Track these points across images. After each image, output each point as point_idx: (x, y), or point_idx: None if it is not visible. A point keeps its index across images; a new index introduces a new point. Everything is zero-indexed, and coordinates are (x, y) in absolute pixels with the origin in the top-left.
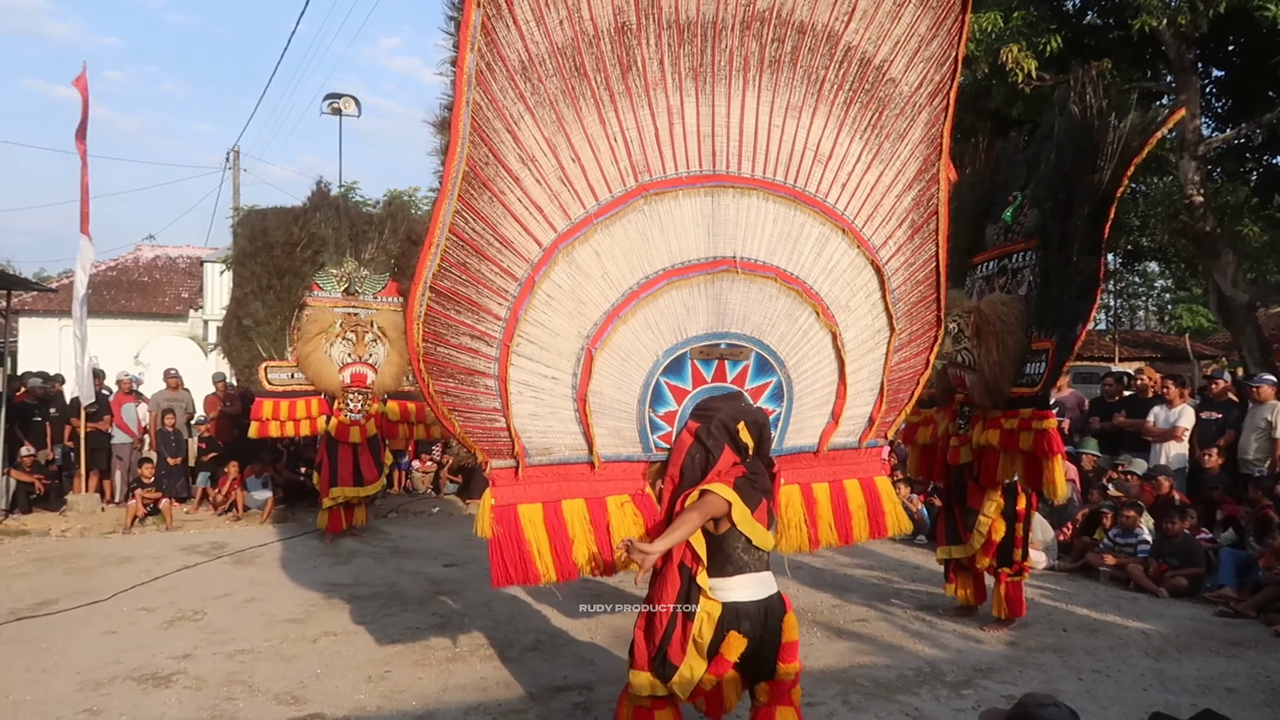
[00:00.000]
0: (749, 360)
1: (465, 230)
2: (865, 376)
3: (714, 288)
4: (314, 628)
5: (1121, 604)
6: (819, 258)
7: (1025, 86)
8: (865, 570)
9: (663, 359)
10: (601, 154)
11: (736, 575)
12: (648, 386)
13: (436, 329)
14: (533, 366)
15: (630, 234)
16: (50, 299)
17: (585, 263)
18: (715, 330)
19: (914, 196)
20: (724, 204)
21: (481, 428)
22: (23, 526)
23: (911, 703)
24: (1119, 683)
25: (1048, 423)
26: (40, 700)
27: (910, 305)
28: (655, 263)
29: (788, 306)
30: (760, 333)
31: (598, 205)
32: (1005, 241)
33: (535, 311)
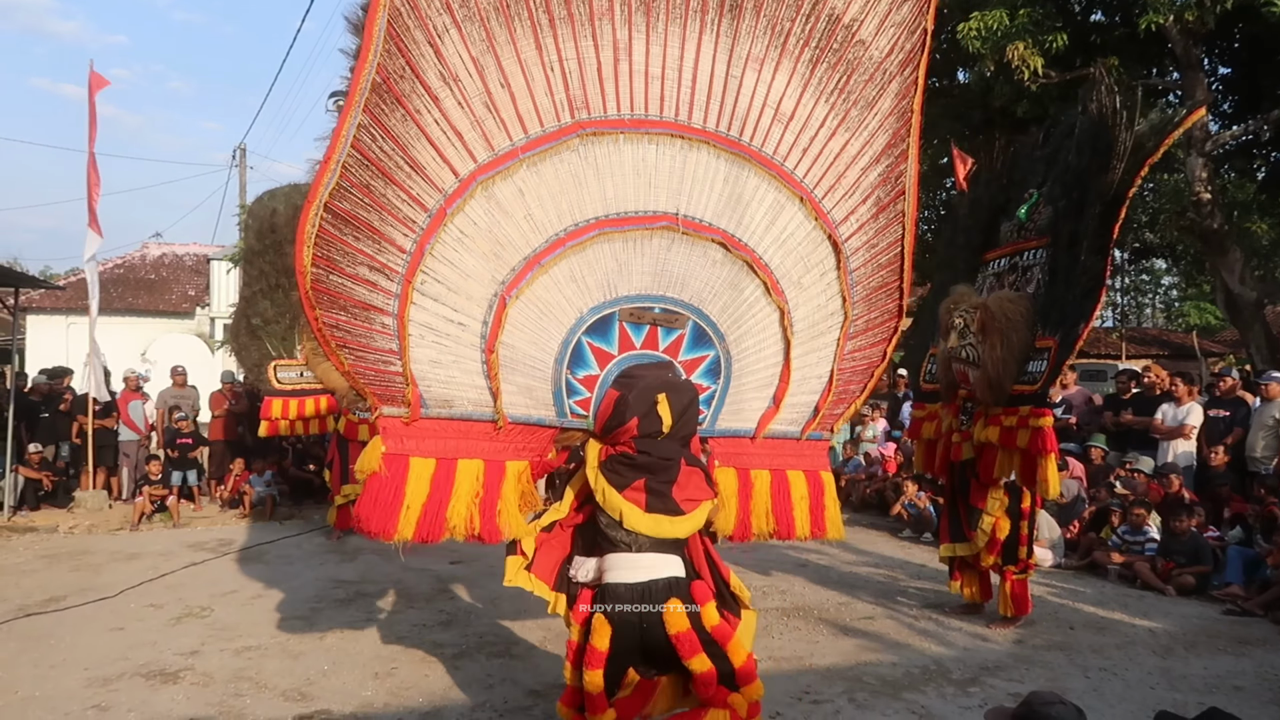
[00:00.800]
0: (685, 330)
1: (371, 149)
2: (814, 362)
3: (651, 245)
4: (321, 625)
5: (1129, 602)
6: (771, 226)
7: (1031, 84)
8: (871, 568)
9: (587, 317)
10: (535, 83)
11: (608, 554)
12: (568, 345)
13: (330, 254)
14: (438, 308)
15: (561, 174)
16: (57, 296)
17: (507, 200)
18: (649, 292)
19: (881, 172)
20: (670, 155)
21: (374, 369)
22: (31, 523)
23: (918, 700)
24: (1126, 681)
25: (1044, 420)
26: (49, 696)
27: (870, 290)
28: (587, 209)
29: (732, 275)
30: (700, 300)
31: (526, 138)
32: (1019, 239)
33: (445, 248)
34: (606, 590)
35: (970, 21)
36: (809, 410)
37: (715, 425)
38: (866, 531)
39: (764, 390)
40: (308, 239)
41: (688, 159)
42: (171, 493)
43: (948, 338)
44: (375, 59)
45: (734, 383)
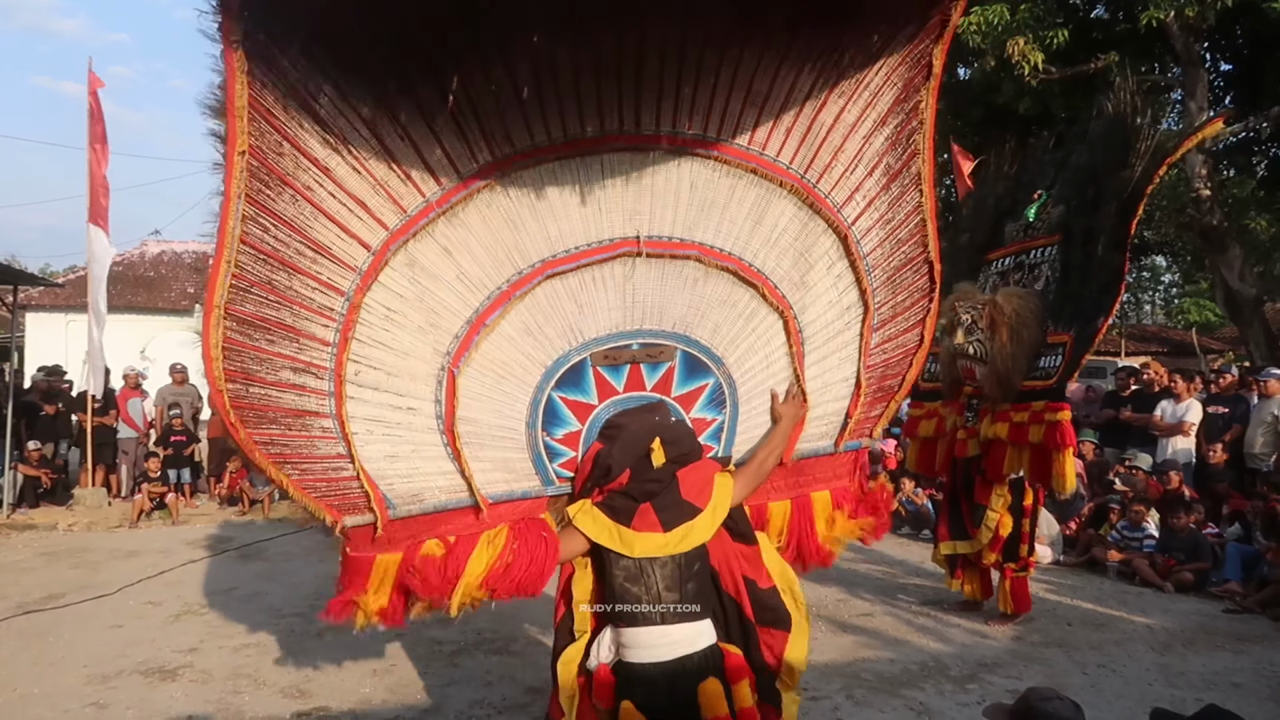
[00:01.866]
0: (674, 361)
1: (264, 240)
2: (836, 364)
3: (614, 277)
4: (319, 622)
5: (1127, 599)
6: (757, 226)
7: (1032, 80)
8: (870, 565)
9: (553, 370)
10: (440, 124)
11: (629, 627)
12: (537, 405)
13: (244, 365)
14: (380, 398)
15: (490, 221)
16: (56, 294)
17: (432, 263)
18: (622, 329)
19: (889, 135)
20: (620, 172)
21: (325, 479)
22: (30, 521)
23: (916, 697)
24: (1124, 677)
25: (1061, 415)
26: (48, 693)
27: (892, 271)
28: (529, 253)
29: (721, 290)
30: (686, 326)
31: (440, 190)
32: (1025, 238)
33: (373, 330)
34: (632, 672)
35: (970, 16)
36: (839, 419)
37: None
38: None
39: None
40: (214, 353)
41: (642, 172)
42: (170, 490)
43: (953, 334)
44: (244, 141)
45: (744, 407)
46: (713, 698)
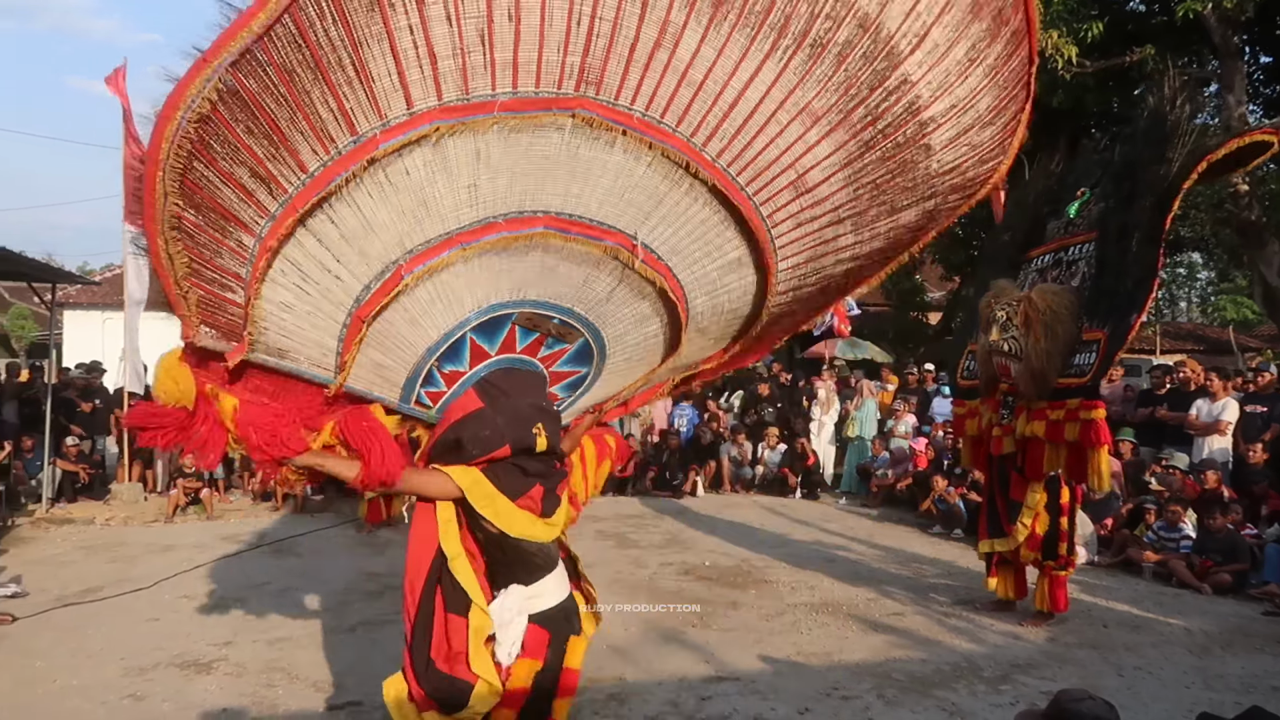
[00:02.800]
0: (572, 346)
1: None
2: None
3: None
4: (351, 616)
5: (1164, 600)
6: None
7: (1065, 73)
8: (901, 564)
9: (484, 312)
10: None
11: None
12: (449, 337)
13: (210, 139)
14: (318, 250)
15: (532, 154)
16: (93, 292)
17: (457, 160)
18: (560, 302)
19: None
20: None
21: (205, 288)
22: (68, 515)
23: (949, 698)
24: (1161, 680)
25: (1096, 412)
26: (86, 685)
27: None
28: (542, 199)
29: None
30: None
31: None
32: (1065, 235)
33: (360, 189)
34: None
35: None
36: None
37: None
38: (896, 527)
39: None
40: (189, 95)
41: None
42: (204, 485)
43: (989, 332)
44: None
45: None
46: (576, 648)
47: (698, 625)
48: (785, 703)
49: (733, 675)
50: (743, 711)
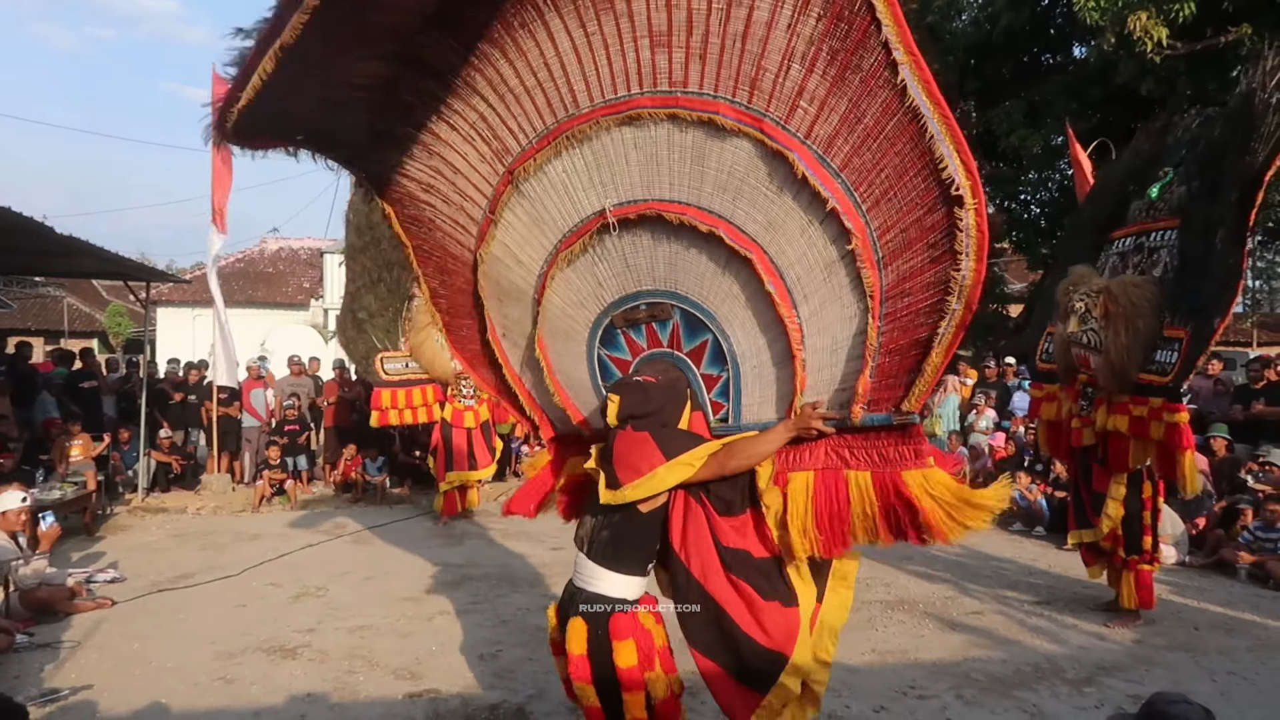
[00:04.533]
0: (675, 318)
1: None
2: (841, 317)
3: (605, 247)
4: (429, 606)
5: (1260, 603)
6: (704, 170)
7: (1155, 56)
8: (979, 561)
9: (595, 331)
10: (470, 157)
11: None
12: (593, 363)
13: (457, 335)
14: (521, 350)
15: (521, 219)
16: (184, 290)
17: (503, 257)
18: (628, 291)
19: (820, 12)
20: (580, 154)
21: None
22: (162, 504)
23: (1029, 699)
24: (1257, 686)
25: (1179, 416)
26: (180, 667)
27: (887, 184)
28: (551, 239)
29: (688, 242)
30: (673, 283)
31: (489, 202)
32: (1147, 218)
33: (494, 305)
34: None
35: None
36: (851, 383)
37: (740, 420)
38: None
39: (784, 368)
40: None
41: (595, 148)
42: (288, 476)
43: (1067, 321)
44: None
45: (744, 366)
46: (574, 633)
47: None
48: (860, 700)
49: None
50: None
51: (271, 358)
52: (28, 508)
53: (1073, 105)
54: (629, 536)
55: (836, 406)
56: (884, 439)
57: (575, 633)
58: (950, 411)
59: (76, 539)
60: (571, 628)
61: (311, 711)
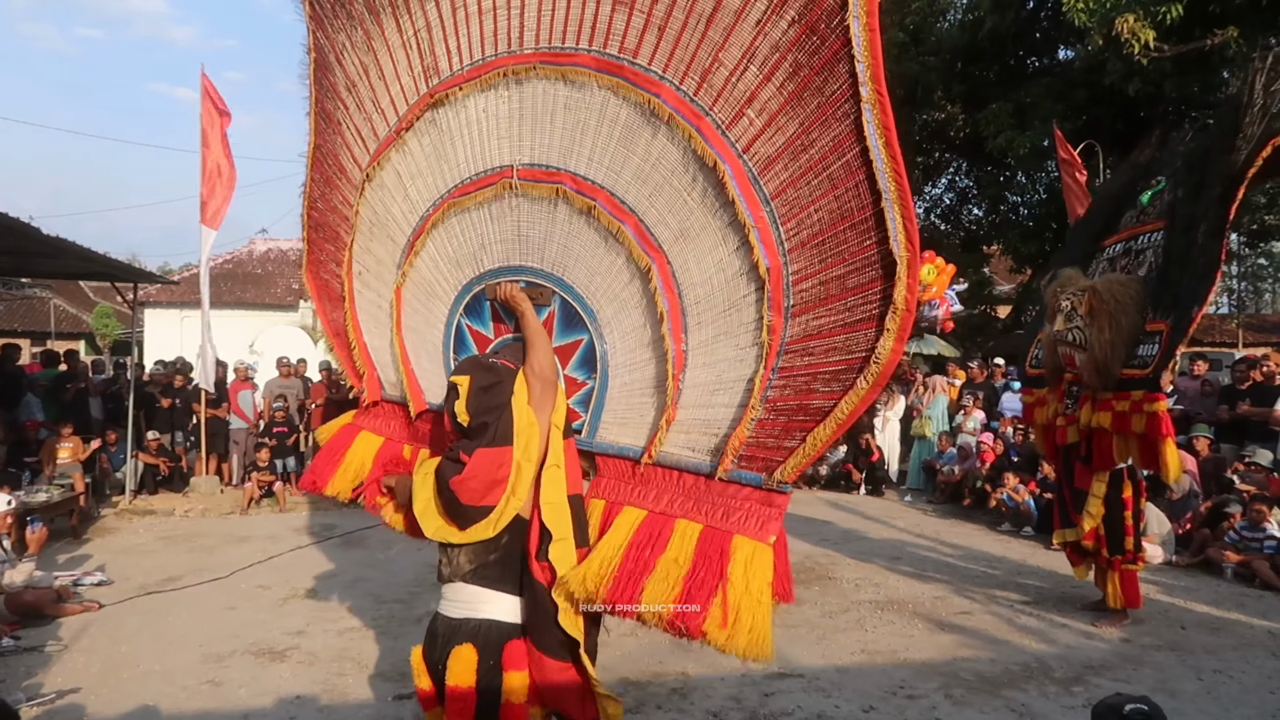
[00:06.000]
0: (553, 306)
1: (323, 162)
2: (732, 354)
3: (500, 208)
4: (419, 608)
5: (1246, 602)
6: (630, 152)
7: (1142, 59)
8: (969, 562)
9: (461, 295)
10: (399, 64)
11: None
12: (450, 328)
13: (315, 255)
14: (370, 295)
15: (425, 149)
16: (172, 291)
17: (392, 185)
18: (510, 263)
19: (794, 18)
20: (506, 95)
21: (347, 353)
22: (149, 506)
23: (1018, 698)
24: (1243, 684)
25: (1158, 405)
26: (168, 670)
27: (819, 228)
28: (446, 180)
29: (592, 230)
30: (562, 268)
31: (397, 121)
32: (1137, 223)
33: (362, 238)
34: (432, 622)
35: None
36: (723, 431)
37: (595, 437)
38: (963, 525)
39: (655, 395)
40: (304, 250)
41: (523, 95)
42: (277, 479)
43: (1054, 321)
44: (314, 88)
45: (614, 380)
46: (460, 663)
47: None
48: (849, 700)
49: (796, 672)
50: (806, 708)
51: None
52: (13, 510)
53: (1059, 107)
54: (514, 550)
55: (704, 451)
56: (740, 498)
57: (461, 663)
58: (939, 413)
59: (63, 541)
60: (456, 658)
61: (300, 714)
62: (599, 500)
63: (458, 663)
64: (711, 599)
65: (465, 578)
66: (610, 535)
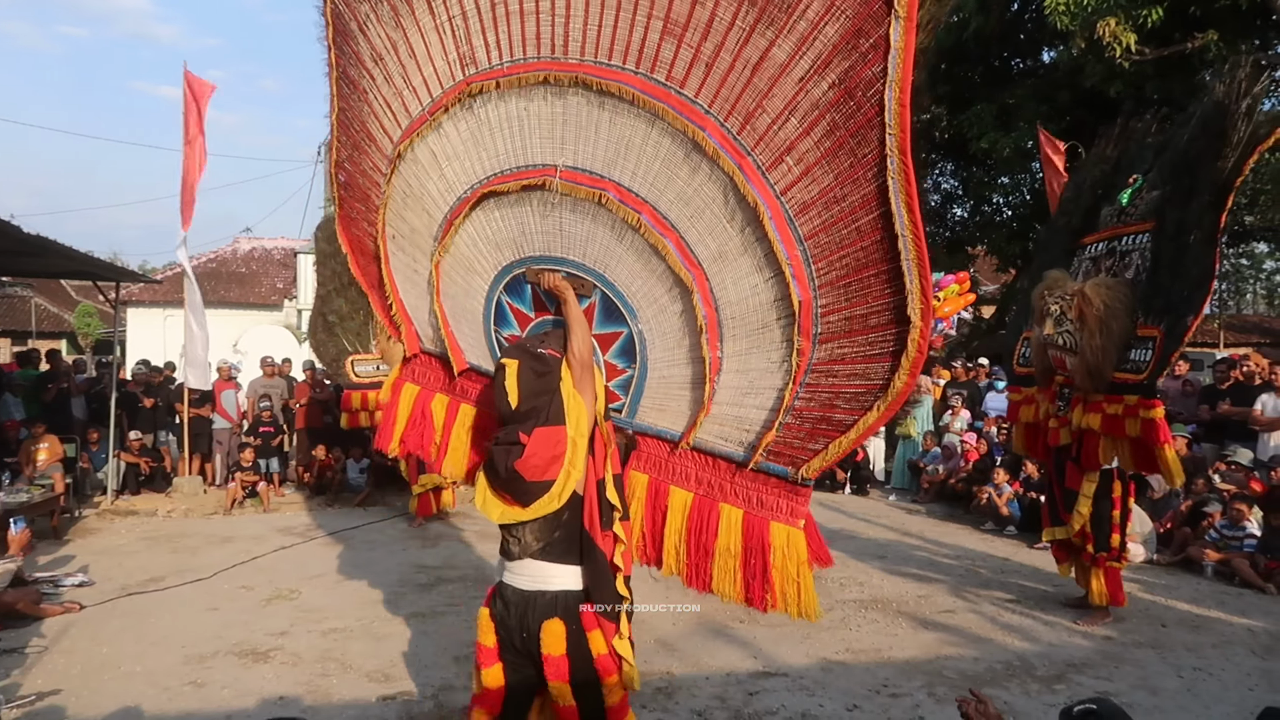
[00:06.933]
0: (594, 299)
1: (349, 126)
2: (764, 366)
3: (543, 201)
4: (403, 608)
5: (1226, 600)
6: (672, 176)
7: (1124, 61)
8: (953, 560)
9: (501, 275)
10: (433, 46)
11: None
12: (490, 302)
13: (346, 211)
14: (404, 258)
15: (460, 133)
16: (155, 290)
17: (426, 162)
18: (552, 253)
19: (834, 83)
20: (548, 99)
21: (384, 307)
22: (132, 507)
23: (1001, 696)
24: (1222, 681)
25: (1155, 412)
26: (150, 671)
27: (847, 271)
28: (485, 167)
29: (635, 239)
30: (604, 266)
31: (431, 102)
32: (1118, 223)
33: (396, 205)
34: (500, 588)
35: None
36: (756, 430)
37: (635, 418)
38: (947, 524)
39: (693, 390)
40: (335, 197)
41: (566, 102)
42: (261, 479)
43: (1043, 324)
44: (334, 51)
45: (653, 372)
46: (551, 635)
47: (745, 621)
48: (833, 699)
49: (780, 671)
50: (790, 707)
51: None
52: None
53: (1043, 108)
54: (578, 523)
55: (736, 443)
56: (769, 486)
57: (553, 635)
58: (925, 412)
59: (44, 542)
60: (548, 631)
61: (284, 715)
62: (642, 474)
63: (549, 635)
64: (764, 585)
65: (534, 555)
66: (670, 523)
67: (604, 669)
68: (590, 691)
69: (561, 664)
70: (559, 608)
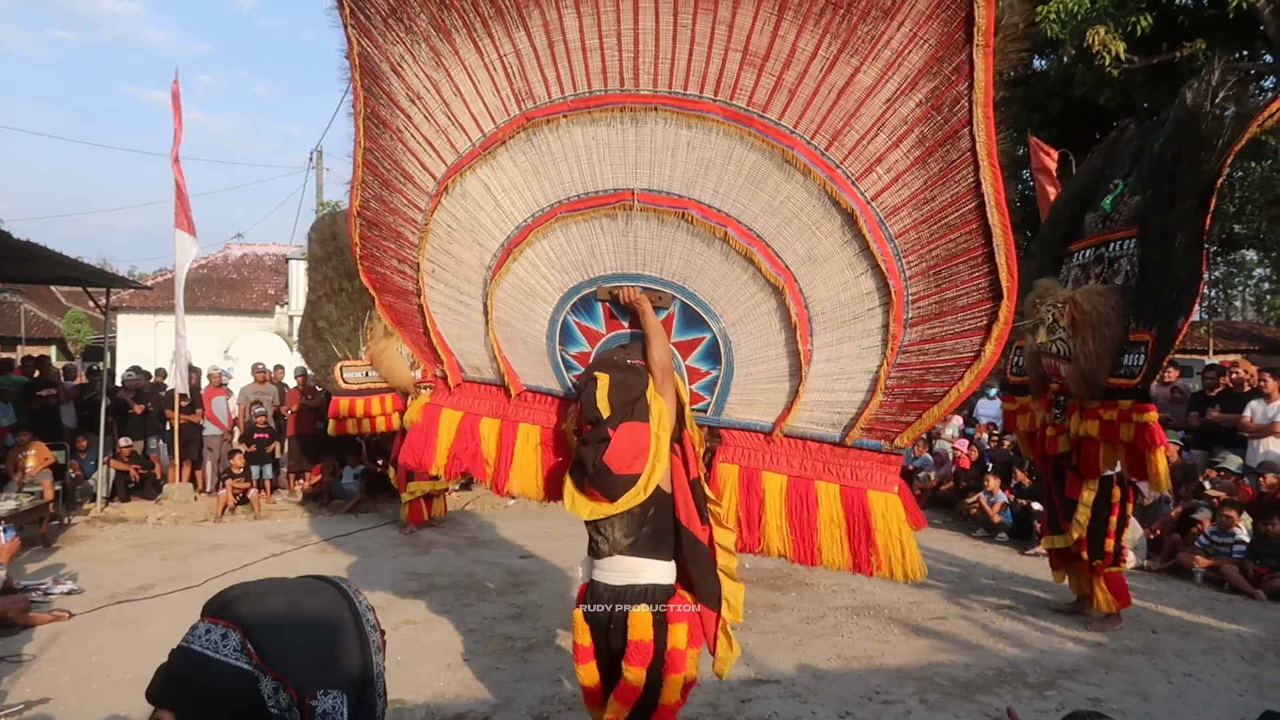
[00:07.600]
0: (672, 309)
1: (377, 166)
2: (856, 352)
3: (616, 224)
4: (395, 616)
5: (1215, 606)
6: (757, 191)
7: (1113, 70)
8: (945, 566)
9: (568, 296)
10: (481, 84)
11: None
12: (555, 323)
13: (370, 250)
14: (447, 291)
15: (519, 165)
16: (145, 296)
17: (477, 195)
18: (626, 270)
19: (922, 100)
20: (620, 129)
21: (420, 340)
22: (122, 514)
23: (992, 703)
24: (1212, 687)
25: (1148, 416)
26: (139, 679)
27: (936, 262)
28: (548, 195)
29: (718, 250)
30: (684, 278)
31: (483, 137)
32: (1104, 229)
33: (439, 240)
34: (591, 586)
35: (1049, 4)
36: (851, 411)
37: (722, 415)
38: (939, 530)
39: (783, 382)
40: (355, 241)
41: (640, 131)
42: (252, 485)
43: (1035, 333)
44: (362, 93)
45: (739, 370)
46: (639, 621)
47: (736, 628)
48: (826, 706)
49: (773, 678)
50: (782, 714)
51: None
52: None
53: (1035, 116)
54: (665, 519)
55: (828, 425)
56: (861, 460)
57: (641, 620)
58: None
59: (33, 550)
60: (635, 616)
61: None
62: (732, 465)
63: (637, 620)
64: (869, 548)
65: (623, 551)
66: (768, 505)
67: (673, 662)
68: (655, 680)
69: (647, 650)
70: (649, 598)
